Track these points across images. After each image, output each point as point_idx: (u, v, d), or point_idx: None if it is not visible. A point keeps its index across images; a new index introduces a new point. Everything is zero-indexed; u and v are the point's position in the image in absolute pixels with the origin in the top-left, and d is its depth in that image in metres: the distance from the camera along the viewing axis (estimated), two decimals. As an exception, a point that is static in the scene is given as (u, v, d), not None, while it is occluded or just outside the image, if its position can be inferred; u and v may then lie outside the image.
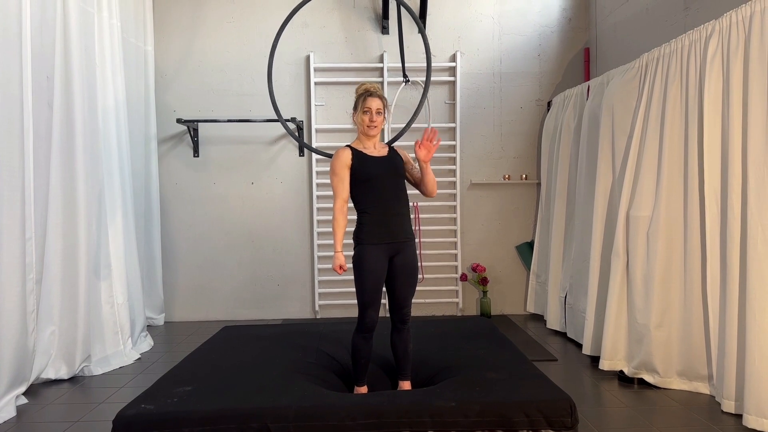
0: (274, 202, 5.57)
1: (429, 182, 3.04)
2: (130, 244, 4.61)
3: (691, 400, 3.30)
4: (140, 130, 5.08)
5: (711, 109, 3.21)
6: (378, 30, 5.54)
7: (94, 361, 4.02)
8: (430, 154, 2.97)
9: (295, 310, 5.60)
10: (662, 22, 4.31)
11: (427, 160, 2.98)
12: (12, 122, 3.28)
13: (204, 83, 5.50)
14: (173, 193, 5.53)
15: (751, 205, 2.91)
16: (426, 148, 2.96)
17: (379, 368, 3.28)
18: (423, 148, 2.97)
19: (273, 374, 2.99)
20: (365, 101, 2.95)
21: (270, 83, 4.53)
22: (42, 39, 3.62)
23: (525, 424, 2.53)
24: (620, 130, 3.91)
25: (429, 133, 2.97)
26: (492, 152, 5.65)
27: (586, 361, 4.10)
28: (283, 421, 2.50)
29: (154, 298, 5.32)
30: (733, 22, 3.06)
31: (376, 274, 2.90)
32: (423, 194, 3.10)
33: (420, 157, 2.97)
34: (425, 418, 2.53)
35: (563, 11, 5.63)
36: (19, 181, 3.34)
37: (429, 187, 3.06)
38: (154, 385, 2.89)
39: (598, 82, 4.35)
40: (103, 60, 4.34)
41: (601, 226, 4.08)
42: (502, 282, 5.68)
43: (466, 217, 5.63)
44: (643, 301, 3.60)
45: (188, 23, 5.49)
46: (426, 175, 3.02)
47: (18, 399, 3.36)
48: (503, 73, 5.62)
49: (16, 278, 3.32)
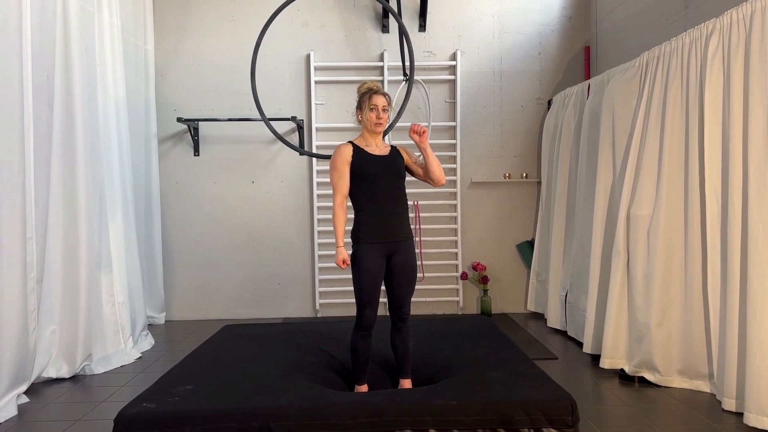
0: (274, 200, 5.57)
1: (433, 166, 2.99)
2: (130, 242, 4.61)
3: (692, 399, 3.30)
4: (140, 129, 5.09)
5: (711, 107, 3.21)
6: (378, 28, 5.54)
7: (95, 360, 4.02)
8: (424, 137, 2.97)
9: (296, 308, 5.61)
10: (663, 21, 4.31)
11: (423, 142, 2.97)
12: (12, 121, 3.28)
13: (204, 82, 5.50)
14: (174, 192, 5.53)
15: (752, 203, 2.91)
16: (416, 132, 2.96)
17: (379, 367, 3.29)
18: (413, 132, 2.97)
19: (274, 373, 2.99)
20: (371, 99, 2.95)
21: (253, 82, 4.42)
22: (42, 38, 3.62)
23: (526, 423, 2.53)
24: (621, 129, 3.91)
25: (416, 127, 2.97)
26: (492, 151, 5.64)
27: (586, 359, 4.10)
28: (284, 420, 2.50)
29: (154, 297, 5.32)
30: (734, 20, 3.05)
31: (373, 273, 2.90)
32: (432, 184, 3.06)
33: (416, 141, 2.97)
34: (426, 416, 2.53)
35: (563, 9, 5.62)
36: (20, 180, 3.34)
37: (435, 171, 3.01)
38: (155, 384, 2.89)
39: (599, 81, 4.35)
40: (104, 59, 4.34)
41: (602, 224, 4.08)
42: (502, 281, 5.68)
43: (467, 215, 5.63)
44: (644, 299, 3.60)
45: (188, 22, 5.48)
46: (428, 158, 2.98)
47: (19, 398, 3.36)
48: (503, 72, 5.62)
49: (17, 277, 3.32)
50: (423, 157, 3.02)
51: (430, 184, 3.08)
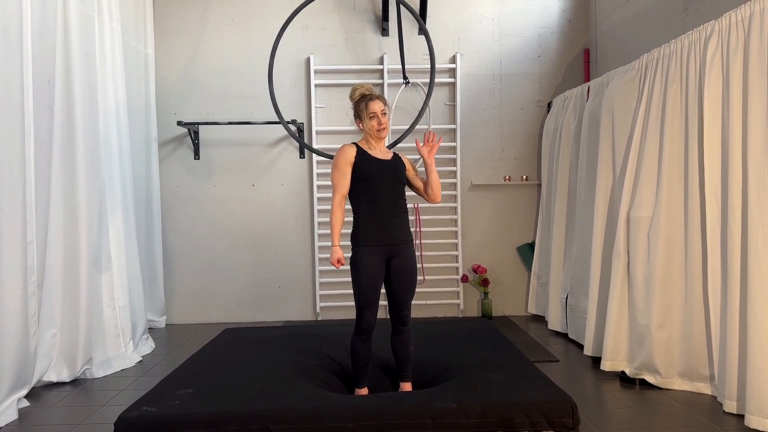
0: (274, 204, 5.57)
1: (433, 183, 3.04)
2: (131, 246, 4.61)
3: (693, 401, 3.29)
4: (141, 133, 5.09)
5: (711, 109, 3.21)
6: (378, 32, 5.55)
7: (95, 363, 4.02)
8: (433, 151, 3.00)
9: (296, 312, 5.60)
10: (662, 23, 4.32)
11: (430, 157, 2.99)
12: (13, 126, 3.29)
13: (204, 86, 5.51)
14: (174, 196, 5.53)
15: (752, 205, 2.91)
16: (428, 146, 3.01)
17: (380, 370, 3.29)
18: (426, 146, 3.01)
19: (274, 376, 2.99)
20: (368, 106, 2.96)
21: (271, 85, 4.52)
22: (43, 42, 3.63)
23: (526, 425, 2.53)
24: (620, 131, 3.91)
25: (429, 136, 3.01)
26: (492, 153, 5.65)
27: (587, 361, 4.10)
28: (284, 423, 2.50)
29: (155, 300, 5.33)
30: (733, 23, 3.06)
31: (372, 276, 2.90)
32: (427, 200, 3.11)
33: (423, 155, 3.00)
34: (426, 419, 2.53)
35: (563, 12, 5.64)
36: (20, 184, 3.34)
37: (434, 189, 3.05)
38: (156, 388, 2.89)
39: (598, 83, 4.35)
40: (104, 63, 4.35)
41: (602, 226, 4.08)
42: (503, 283, 5.68)
43: (467, 218, 5.63)
44: (644, 301, 3.60)
45: (188, 26, 5.50)
46: (430, 175, 3.02)
47: (20, 402, 3.36)
48: (503, 75, 5.63)
49: (18, 281, 3.32)
50: (425, 170, 3.03)
51: (425, 199, 3.12)
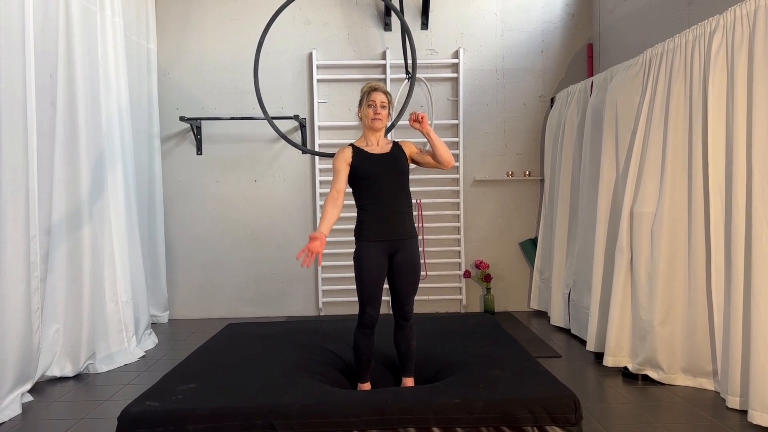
0: (277, 199, 5.57)
1: (440, 149, 2.96)
2: (133, 242, 4.62)
3: (696, 397, 3.29)
4: (143, 128, 5.09)
5: (715, 104, 3.19)
6: (380, 27, 5.53)
7: (98, 358, 4.03)
8: (425, 122, 2.96)
9: (299, 307, 5.61)
10: (666, 18, 4.30)
11: (425, 128, 2.96)
12: (15, 121, 3.29)
13: (206, 81, 5.50)
14: (176, 191, 5.54)
15: (756, 200, 2.90)
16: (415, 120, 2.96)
17: (382, 365, 3.28)
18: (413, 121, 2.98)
19: (277, 372, 2.99)
20: (370, 95, 2.98)
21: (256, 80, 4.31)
22: (45, 37, 3.62)
23: (529, 421, 2.53)
24: (624, 126, 3.90)
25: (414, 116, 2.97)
26: (495, 149, 5.64)
27: (590, 357, 4.10)
28: (286, 418, 2.50)
29: (158, 295, 5.34)
30: (738, 17, 3.04)
31: (374, 271, 2.90)
32: (442, 167, 3.03)
33: (418, 129, 2.97)
34: (429, 414, 2.53)
35: (566, 7, 5.61)
36: (23, 179, 3.35)
37: (443, 154, 2.97)
38: (159, 383, 2.90)
39: (602, 78, 4.34)
40: (106, 58, 4.34)
41: (605, 222, 4.07)
42: (505, 279, 5.67)
43: (470, 214, 5.62)
44: (647, 297, 3.59)
45: (190, 21, 5.48)
46: (434, 142, 2.96)
47: (23, 396, 3.37)
48: (506, 70, 5.61)
49: (21, 276, 3.33)
50: (429, 141, 3.02)
51: (440, 168, 3.07)
